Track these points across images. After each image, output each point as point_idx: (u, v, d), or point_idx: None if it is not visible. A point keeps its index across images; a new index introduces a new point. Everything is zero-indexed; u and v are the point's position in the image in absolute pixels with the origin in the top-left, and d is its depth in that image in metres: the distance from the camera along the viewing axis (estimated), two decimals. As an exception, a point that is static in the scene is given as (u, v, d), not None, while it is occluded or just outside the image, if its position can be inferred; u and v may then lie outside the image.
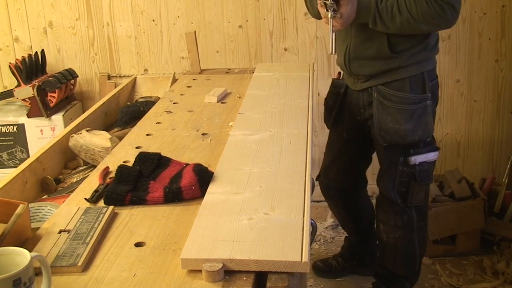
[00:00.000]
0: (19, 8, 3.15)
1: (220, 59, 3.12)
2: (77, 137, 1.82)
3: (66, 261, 1.05)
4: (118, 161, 1.52)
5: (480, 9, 2.91)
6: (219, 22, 3.08)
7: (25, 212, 1.15)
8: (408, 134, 1.98)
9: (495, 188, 2.94)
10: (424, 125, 1.99)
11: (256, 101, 1.95)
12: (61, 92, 2.93)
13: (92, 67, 3.22)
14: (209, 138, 1.71)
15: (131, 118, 2.14)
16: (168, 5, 3.09)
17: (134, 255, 1.08)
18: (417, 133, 1.99)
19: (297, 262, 0.99)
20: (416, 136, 1.99)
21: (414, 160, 2.01)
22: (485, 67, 2.99)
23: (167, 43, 3.15)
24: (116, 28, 3.15)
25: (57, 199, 1.51)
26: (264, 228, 1.10)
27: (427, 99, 1.99)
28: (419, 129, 1.99)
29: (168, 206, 1.28)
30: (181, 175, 1.37)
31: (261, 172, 1.37)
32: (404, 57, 1.96)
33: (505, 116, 3.05)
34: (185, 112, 1.99)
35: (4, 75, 3.25)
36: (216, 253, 1.02)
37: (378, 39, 1.96)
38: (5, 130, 2.84)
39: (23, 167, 1.57)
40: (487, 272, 2.59)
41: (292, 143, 1.55)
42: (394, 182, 2.08)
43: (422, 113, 1.98)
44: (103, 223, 1.18)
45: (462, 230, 2.70)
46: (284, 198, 1.23)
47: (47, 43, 3.20)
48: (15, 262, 0.92)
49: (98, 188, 1.37)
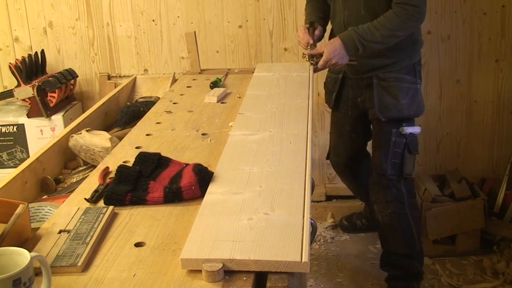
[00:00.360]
0: (19, 8, 3.15)
1: (220, 59, 3.12)
2: (77, 137, 1.82)
3: (66, 261, 1.05)
4: (118, 161, 1.52)
5: (480, 9, 2.91)
6: (219, 22, 3.08)
7: (25, 212, 1.15)
8: (404, 108, 2.27)
9: (495, 188, 2.94)
10: (417, 103, 2.31)
11: (256, 101, 1.95)
12: (61, 92, 2.93)
13: (92, 67, 3.22)
14: (209, 138, 1.71)
15: (131, 118, 2.14)
16: (168, 5, 3.09)
17: (134, 255, 1.08)
18: (412, 109, 2.30)
19: (297, 262, 0.99)
20: (412, 111, 2.30)
21: (406, 130, 2.28)
22: (485, 67, 2.99)
23: (167, 43, 3.14)
24: (116, 28, 3.15)
25: (57, 199, 1.51)
26: (264, 228, 1.10)
27: (417, 83, 2.31)
28: (414, 106, 2.30)
29: (168, 206, 1.28)
30: (181, 175, 1.37)
31: (261, 172, 1.37)
32: (396, 54, 2.26)
33: (505, 116, 3.05)
34: (185, 112, 1.99)
35: (4, 75, 3.25)
36: (216, 253, 1.02)
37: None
38: (5, 130, 2.84)
39: (23, 167, 1.57)
40: (487, 272, 2.58)
41: (292, 143, 1.55)
42: (388, 154, 2.31)
43: (415, 94, 2.30)
44: (103, 223, 1.18)
45: (462, 230, 2.70)
46: (284, 198, 1.23)
47: (47, 43, 3.19)
48: (15, 262, 0.92)
49: (98, 188, 1.37)
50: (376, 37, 2.12)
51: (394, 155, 2.30)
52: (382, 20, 2.12)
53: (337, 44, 2.16)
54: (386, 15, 2.12)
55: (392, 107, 2.29)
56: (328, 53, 2.17)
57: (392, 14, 2.11)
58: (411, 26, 2.16)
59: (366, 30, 2.13)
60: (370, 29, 2.12)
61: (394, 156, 2.30)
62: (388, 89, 2.29)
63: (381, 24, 2.11)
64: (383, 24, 2.11)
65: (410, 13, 2.10)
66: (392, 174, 2.32)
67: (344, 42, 2.15)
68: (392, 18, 2.11)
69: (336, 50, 2.16)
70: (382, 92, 2.30)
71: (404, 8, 2.09)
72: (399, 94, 2.28)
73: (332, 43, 2.19)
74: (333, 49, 2.16)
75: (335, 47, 2.16)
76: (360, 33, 2.13)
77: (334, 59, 2.17)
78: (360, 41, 2.13)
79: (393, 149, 2.30)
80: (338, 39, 2.18)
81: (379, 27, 2.11)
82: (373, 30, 2.12)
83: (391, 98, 2.28)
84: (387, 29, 2.11)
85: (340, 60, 2.18)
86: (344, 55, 2.17)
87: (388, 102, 2.29)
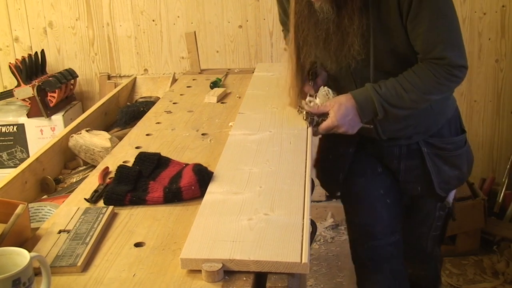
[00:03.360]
0: (19, 8, 3.15)
1: (220, 59, 3.12)
2: (77, 137, 1.82)
3: (66, 261, 1.05)
4: (118, 161, 1.52)
5: (480, 9, 2.91)
6: (219, 22, 3.08)
7: (25, 212, 1.15)
8: (466, 175, 1.84)
9: (495, 188, 2.94)
10: (472, 162, 1.85)
11: (256, 101, 1.95)
12: (61, 92, 2.93)
13: (92, 67, 3.22)
14: (209, 138, 1.71)
15: (131, 118, 2.14)
16: (168, 5, 3.09)
17: (134, 255, 1.08)
18: (470, 171, 1.85)
19: (297, 263, 0.99)
20: (469, 175, 1.87)
21: (450, 199, 1.83)
22: (485, 67, 2.99)
23: (167, 43, 3.14)
24: (116, 28, 3.15)
25: (57, 199, 1.51)
26: (264, 229, 1.10)
27: (466, 138, 1.83)
28: (470, 166, 1.85)
29: (168, 206, 1.28)
30: (180, 175, 1.37)
31: (261, 172, 1.36)
32: (436, 104, 1.68)
33: (505, 116, 3.05)
34: (185, 112, 1.99)
35: (4, 75, 3.25)
36: (215, 253, 1.02)
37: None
38: (5, 130, 2.84)
39: (23, 167, 1.57)
40: (487, 272, 2.59)
41: (292, 143, 1.55)
42: (430, 230, 1.89)
43: (469, 152, 1.84)
44: (102, 223, 1.18)
45: (462, 230, 2.70)
46: (284, 198, 1.23)
47: (47, 43, 3.19)
48: (14, 262, 0.92)
49: (98, 188, 1.37)
50: (404, 101, 1.56)
51: (436, 228, 1.89)
52: (413, 79, 1.55)
53: (349, 106, 1.58)
54: (419, 72, 1.55)
55: (454, 179, 1.79)
56: (336, 117, 1.57)
57: (427, 72, 1.54)
58: (452, 88, 1.63)
59: (391, 91, 1.55)
60: (396, 89, 1.55)
61: (435, 229, 1.89)
62: (448, 158, 1.74)
63: (412, 85, 1.54)
64: (414, 85, 1.54)
65: (454, 73, 1.53)
66: (431, 246, 1.93)
67: (359, 104, 1.57)
68: (428, 78, 1.54)
69: (347, 115, 1.57)
70: (439, 163, 1.73)
71: (445, 68, 1.52)
72: (460, 163, 1.77)
73: (342, 104, 1.58)
74: (343, 113, 1.57)
75: (347, 110, 1.57)
76: (383, 94, 1.55)
77: (342, 127, 1.59)
78: (382, 105, 1.56)
79: (436, 224, 1.87)
80: (351, 99, 1.58)
81: (409, 88, 1.54)
82: (400, 92, 1.55)
83: (453, 169, 1.75)
84: (420, 91, 1.55)
85: (350, 129, 1.60)
86: (357, 122, 1.60)
87: (450, 175, 1.75)
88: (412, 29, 1.51)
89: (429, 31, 1.50)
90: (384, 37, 1.55)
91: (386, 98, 1.56)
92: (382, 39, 1.55)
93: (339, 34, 1.54)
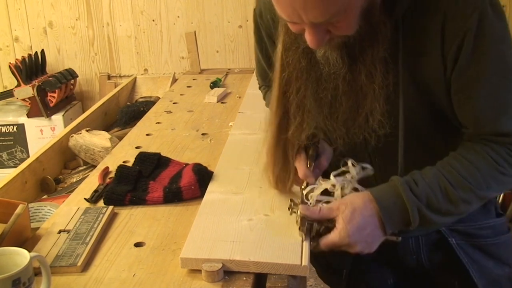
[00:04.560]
0: (19, 8, 3.15)
1: (220, 59, 3.12)
2: (77, 137, 1.82)
3: (66, 261, 1.05)
4: (118, 161, 1.52)
5: (480, 9, 2.91)
6: (219, 22, 3.08)
7: (25, 212, 1.15)
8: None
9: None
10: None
11: (256, 100, 1.95)
12: (61, 92, 2.93)
13: (92, 67, 3.22)
14: (209, 138, 1.71)
15: (131, 118, 2.15)
16: (168, 5, 3.09)
17: (134, 255, 1.08)
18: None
19: (297, 266, 0.99)
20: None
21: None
22: (485, 67, 2.98)
23: (167, 43, 3.14)
24: (116, 28, 3.15)
25: (57, 199, 1.51)
26: (264, 230, 1.10)
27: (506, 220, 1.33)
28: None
29: (168, 206, 1.28)
30: (180, 175, 1.37)
31: (261, 172, 1.36)
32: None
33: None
34: (185, 112, 1.99)
35: (4, 75, 3.25)
36: (215, 253, 1.02)
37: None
38: (5, 130, 2.84)
39: (23, 167, 1.57)
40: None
41: (292, 143, 1.54)
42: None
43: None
44: (102, 223, 1.18)
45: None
46: (284, 198, 1.23)
47: (47, 43, 3.19)
48: (14, 262, 0.92)
49: (98, 188, 1.37)
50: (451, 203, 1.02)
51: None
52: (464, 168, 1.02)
53: (367, 215, 1.01)
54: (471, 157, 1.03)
55: (505, 278, 1.25)
56: (347, 231, 1.01)
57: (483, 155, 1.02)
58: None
59: (432, 188, 1.01)
60: (440, 186, 1.01)
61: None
62: (487, 248, 1.23)
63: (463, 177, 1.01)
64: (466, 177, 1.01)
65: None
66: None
67: (384, 210, 1.01)
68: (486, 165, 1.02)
69: (364, 228, 1.01)
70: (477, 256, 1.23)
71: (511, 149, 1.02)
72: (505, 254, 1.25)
73: (356, 209, 1.02)
74: (357, 225, 1.01)
75: (363, 220, 1.01)
76: (421, 194, 1.01)
77: (355, 245, 1.02)
78: (419, 211, 1.01)
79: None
80: (371, 201, 1.03)
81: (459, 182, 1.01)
82: (446, 189, 1.01)
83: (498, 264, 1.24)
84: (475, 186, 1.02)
85: (367, 248, 1.03)
86: (378, 236, 1.03)
87: (496, 274, 1.24)
88: (459, 89, 1.01)
89: (489, 94, 1.00)
90: (420, 101, 1.06)
91: (425, 201, 1.01)
92: (417, 105, 1.06)
93: (352, 97, 1.04)
